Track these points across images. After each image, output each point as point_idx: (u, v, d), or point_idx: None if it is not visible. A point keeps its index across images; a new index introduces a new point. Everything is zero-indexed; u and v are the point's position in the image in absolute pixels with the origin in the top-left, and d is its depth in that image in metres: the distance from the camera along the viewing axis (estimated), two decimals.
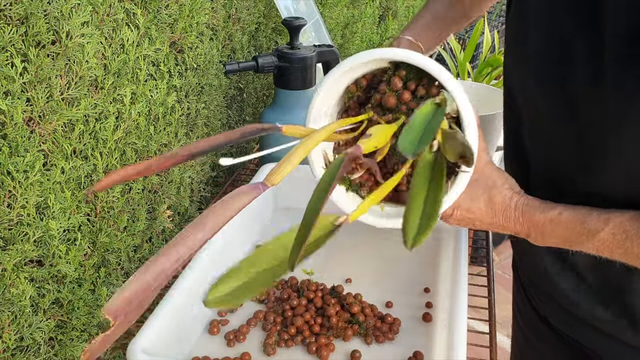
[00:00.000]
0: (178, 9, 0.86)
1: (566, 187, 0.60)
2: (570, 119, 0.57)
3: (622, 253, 0.53)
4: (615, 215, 0.53)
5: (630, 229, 0.52)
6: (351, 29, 1.74)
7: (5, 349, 0.63)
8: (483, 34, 2.17)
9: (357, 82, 0.62)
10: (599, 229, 0.53)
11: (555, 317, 0.70)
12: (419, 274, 0.84)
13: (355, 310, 0.74)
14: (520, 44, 0.63)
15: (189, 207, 1.03)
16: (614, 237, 0.53)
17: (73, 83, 0.66)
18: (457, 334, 0.66)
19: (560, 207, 0.56)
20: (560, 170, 0.61)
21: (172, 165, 0.43)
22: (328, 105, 0.63)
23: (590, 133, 0.55)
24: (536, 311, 0.74)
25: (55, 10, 0.61)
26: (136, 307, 0.32)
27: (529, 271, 0.74)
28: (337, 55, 1.16)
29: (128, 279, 0.32)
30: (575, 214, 0.55)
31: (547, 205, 0.57)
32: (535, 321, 0.74)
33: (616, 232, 0.52)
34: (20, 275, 0.63)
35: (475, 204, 0.59)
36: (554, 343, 0.72)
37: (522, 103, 0.65)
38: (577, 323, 0.67)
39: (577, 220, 0.55)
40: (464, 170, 0.55)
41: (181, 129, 0.94)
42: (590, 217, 0.54)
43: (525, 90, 0.64)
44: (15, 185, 0.60)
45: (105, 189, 0.50)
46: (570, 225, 0.55)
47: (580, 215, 0.55)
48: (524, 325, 0.79)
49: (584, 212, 0.55)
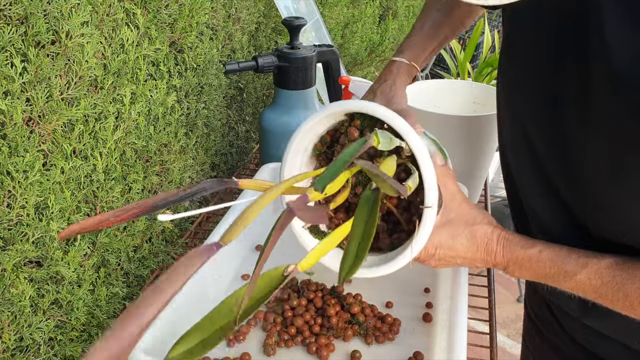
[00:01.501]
0: (178, 9, 0.86)
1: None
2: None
3: (597, 297, 0.55)
4: (593, 261, 0.55)
5: (606, 276, 0.54)
6: (351, 29, 1.74)
7: (5, 349, 0.63)
8: (483, 34, 2.17)
9: (322, 139, 0.65)
10: (576, 272, 0.55)
11: (566, 323, 0.70)
12: (419, 274, 0.83)
13: (355, 311, 0.74)
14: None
15: (189, 207, 1.03)
16: (590, 281, 0.55)
17: (73, 83, 0.66)
18: (457, 334, 0.66)
19: (540, 244, 0.58)
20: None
21: (126, 220, 0.45)
22: (301, 162, 0.66)
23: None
24: (550, 310, 0.74)
25: (55, 10, 0.61)
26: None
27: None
28: (337, 55, 1.15)
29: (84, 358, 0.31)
30: (554, 254, 0.57)
31: (528, 242, 0.59)
32: (549, 320, 0.74)
33: (592, 277, 0.54)
34: (20, 276, 0.63)
35: (458, 241, 0.61)
36: (567, 341, 0.72)
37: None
38: (587, 330, 0.67)
39: (556, 260, 0.57)
40: (426, 206, 0.56)
41: (181, 129, 0.94)
42: (569, 259, 0.56)
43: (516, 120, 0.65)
44: (14, 186, 0.60)
45: (67, 237, 0.51)
46: (548, 264, 0.57)
47: (559, 256, 0.57)
48: (537, 321, 0.79)
49: (564, 253, 0.57)
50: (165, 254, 0.93)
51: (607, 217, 0.55)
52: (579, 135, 0.53)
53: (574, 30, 0.51)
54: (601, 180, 0.53)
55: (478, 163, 1.06)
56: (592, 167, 0.53)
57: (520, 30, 0.61)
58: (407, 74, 0.78)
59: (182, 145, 0.96)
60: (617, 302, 0.54)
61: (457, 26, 0.82)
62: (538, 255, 0.57)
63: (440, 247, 0.61)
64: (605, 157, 0.51)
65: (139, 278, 0.88)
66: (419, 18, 0.82)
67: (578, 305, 0.64)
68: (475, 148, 1.03)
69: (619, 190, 0.51)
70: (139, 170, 0.82)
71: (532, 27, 0.58)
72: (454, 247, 0.61)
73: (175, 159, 0.94)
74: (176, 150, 0.93)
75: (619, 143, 0.49)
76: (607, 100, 0.48)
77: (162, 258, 0.93)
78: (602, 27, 0.47)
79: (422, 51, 0.79)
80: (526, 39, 0.60)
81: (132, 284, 0.86)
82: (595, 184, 0.54)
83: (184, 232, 1.02)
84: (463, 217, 0.61)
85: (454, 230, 0.61)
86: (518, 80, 0.62)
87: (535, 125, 0.59)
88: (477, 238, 0.61)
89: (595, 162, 0.52)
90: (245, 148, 1.29)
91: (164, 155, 0.90)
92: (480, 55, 2.24)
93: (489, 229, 0.61)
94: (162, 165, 0.91)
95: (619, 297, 0.53)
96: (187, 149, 0.98)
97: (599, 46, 0.47)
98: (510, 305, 0.84)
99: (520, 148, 0.63)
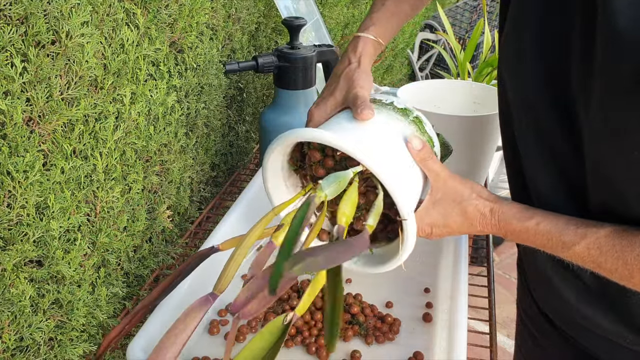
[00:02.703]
0: (178, 9, 0.86)
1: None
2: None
3: (595, 267, 0.55)
4: (592, 230, 0.54)
5: (604, 246, 0.53)
6: (351, 29, 1.74)
7: (5, 349, 0.63)
8: (483, 34, 2.17)
9: (292, 157, 0.67)
10: (574, 242, 0.55)
11: (559, 319, 0.70)
12: (419, 274, 0.84)
13: (355, 311, 0.74)
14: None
15: (189, 207, 1.03)
16: (589, 251, 0.54)
17: (73, 83, 0.66)
18: (457, 334, 0.66)
19: (539, 216, 0.58)
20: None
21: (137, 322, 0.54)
22: (283, 179, 0.69)
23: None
24: (541, 311, 0.74)
25: (55, 10, 0.61)
26: None
27: (533, 275, 0.74)
28: (337, 55, 1.15)
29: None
30: (552, 226, 0.57)
31: (525, 214, 0.59)
32: (541, 321, 0.74)
33: (591, 247, 0.54)
34: (20, 276, 0.63)
35: (451, 219, 0.62)
36: (559, 342, 0.72)
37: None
38: (579, 326, 0.67)
39: (554, 231, 0.56)
40: (402, 218, 0.58)
41: (181, 129, 0.94)
42: (567, 229, 0.56)
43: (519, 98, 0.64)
44: (15, 185, 0.60)
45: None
46: (547, 235, 0.57)
47: (557, 227, 0.56)
48: (529, 323, 0.79)
49: (562, 224, 0.56)
50: (165, 254, 0.93)
51: (609, 188, 0.54)
52: (581, 101, 0.52)
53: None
54: (603, 148, 0.52)
55: (478, 163, 1.06)
56: (593, 134, 0.52)
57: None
58: (373, 50, 0.76)
59: (182, 145, 0.96)
60: (615, 271, 0.53)
61: (416, 3, 0.81)
62: (535, 228, 0.57)
63: (435, 226, 0.62)
64: (606, 123, 0.50)
65: (139, 278, 0.88)
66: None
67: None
68: (475, 148, 1.03)
69: (619, 158, 0.50)
70: (139, 170, 0.82)
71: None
72: (448, 225, 0.62)
73: (175, 159, 0.94)
74: (176, 150, 0.93)
75: (618, 109, 0.48)
76: (608, 64, 0.47)
77: (162, 258, 0.93)
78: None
79: (386, 28, 0.77)
80: (535, 5, 0.58)
81: (132, 284, 0.86)
82: (597, 152, 0.53)
83: (184, 232, 1.02)
84: (450, 196, 0.62)
85: (444, 210, 0.62)
86: (524, 49, 0.60)
87: (540, 94, 0.58)
88: (469, 214, 0.61)
89: (596, 129, 0.51)
90: (245, 148, 1.29)
91: (164, 155, 0.90)
92: (480, 55, 2.24)
93: (479, 203, 0.61)
94: (162, 165, 0.91)
95: (617, 266, 0.53)
96: (187, 149, 0.98)
97: (603, 11, 0.46)
98: (510, 305, 0.84)
99: (524, 117, 0.62)
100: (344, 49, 0.78)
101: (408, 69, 2.81)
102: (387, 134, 0.63)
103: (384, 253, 0.66)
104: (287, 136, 0.60)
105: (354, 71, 0.72)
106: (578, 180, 0.57)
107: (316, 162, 0.64)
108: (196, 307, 0.48)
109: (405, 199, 0.57)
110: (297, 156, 0.67)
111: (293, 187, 0.70)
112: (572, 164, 0.57)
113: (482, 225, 0.61)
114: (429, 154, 0.63)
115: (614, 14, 0.45)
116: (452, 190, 0.62)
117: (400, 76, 2.73)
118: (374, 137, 0.62)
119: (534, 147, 0.61)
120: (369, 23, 0.77)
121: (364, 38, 0.75)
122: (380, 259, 0.66)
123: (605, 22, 0.46)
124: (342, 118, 0.66)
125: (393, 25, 0.79)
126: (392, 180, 0.56)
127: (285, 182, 0.69)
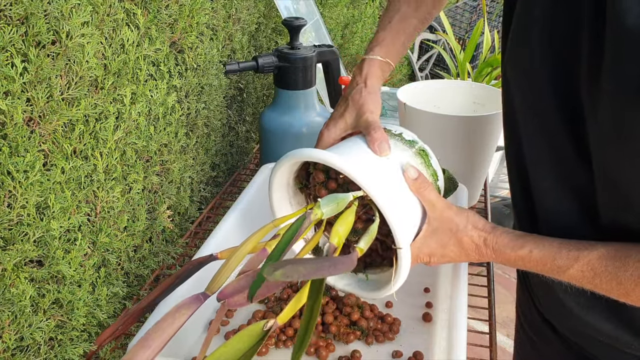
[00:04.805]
0: (178, 9, 0.86)
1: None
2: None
3: (592, 287, 0.56)
4: (584, 254, 0.55)
5: (598, 267, 0.54)
6: (351, 29, 1.74)
7: (5, 349, 0.63)
8: (483, 34, 2.17)
9: (298, 175, 0.69)
10: (568, 265, 0.56)
11: (559, 324, 0.70)
12: (419, 274, 0.83)
13: (356, 318, 0.74)
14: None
15: (189, 207, 1.03)
16: (583, 274, 0.55)
17: (73, 83, 0.66)
18: (457, 334, 0.66)
19: (531, 244, 0.59)
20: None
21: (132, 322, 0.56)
22: (288, 195, 0.70)
23: None
24: (540, 314, 0.74)
25: (55, 10, 0.61)
26: None
27: (535, 282, 0.73)
28: (337, 55, 1.15)
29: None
30: (546, 252, 0.58)
31: (517, 243, 0.60)
32: (540, 324, 0.74)
33: (584, 269, 0.55)
34: (20, 275, 0.63)
35: (448, 249, 0.63)
36: (558, 347, 0.71)
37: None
38: (580, 332, 0.66)
39: (547, 257, 0.57)
40: (398, 247, 0.59)
41: (181, 129, 0.94)
42: (560, 254, 0.57)
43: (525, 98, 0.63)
44: (15, 185, 0.60)
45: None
46: (541, 261, 0.58)
47: (551, 252, 0.57)
48: (527, 327, 0.79)
49: (555, 248, 0.57)
50: (166, 254, 0.94)
51: (616, 192, 0.54)
52: (589, 104, 0.52)
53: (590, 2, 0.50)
54: (611, 151, 0.52)
55: (478, 163, 1.06)
56: (601, 138, 0.52)
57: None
58: (381, 71, 0.76)
59: (183, 145, 0.96)
60: (611, 290, 0.54)
61: (425, 17, 0.80)
62: (529, 255, 0.59)
63: (433, 255, 0.64)
64: (614, 126, 0.50)
65: (139, 278, 0.88)
66: (385, 13, 0.80)
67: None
68: (475, 148, 1.04)
69: (627, 161, 0.50)
70: (139, 170, 0.83)
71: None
72: (446, 254, 0.64)
73: (176, 159, 0.94)
74: (176, 150, 0.93)
75: (628, 111, 0.48)
76: (617, 64, 0.47)
77: (162, 258, 0.93)
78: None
79: (393, 46, 0.77)
80: (543, 6, 0.57)
81: (132, 284, 0.87)
82: (605, 156, 0.53)
83: (184, 232, 1.02)
84: (446, 226, 0.63)
85: (441, 240, 0.63)
86: (531, 51, 0.59)
87: (547, 98, 0.58)
88: (464, 244, 0.62)
89: (604, 132, 0.51)
90: (246, 148, 1.29)
91: (164, 155, 0.90)
92: (480, 56, 2.24)
93: (474, 234, 0.62)
94: (162, 165, 0.91)
95: (612, 286, 0.54)
96: (187, 149, 0.98)
97: (612, 8, 0.46)
98: (510, 305, 0.84)
99: (530, 121, 0.62)
100: (352, 72, 0.78)
101: (408, 69, 2.80)
102: (391, 163, 0.64)
103: (378, 279, 0.68)
104: (294, 155, 0.62)
105: (361, 93, 0.72)
106: (584, 185, 0.57)
107: (319, 183, 0.65)
108: (186, 304, 0.50)
109: (401, 228, 0.58)
110: (303, 175, 0.69)
111: (298, 205, 0.71)
112: (579, 168, 0.57)
113: (478, 255, 0.62)
114: (424, 183, 0.63)
115: (623, 12, 0.45)
116: (448, 220, 0.63)
117: (400, 76, 2.73)
118: (377, 164, 0.64)
119: (539, 150, 0.61)
120: (374, 44, 0.78)
121: (369, 60, 0.75)
122: (374, 285, 0.67)
123: (614, 19, 0.46)
124: (353, 142, 0.67)
125: (400, 43, 0.78)
126: (390, 207, 0.57)
127: (291, 200, 0.71)
